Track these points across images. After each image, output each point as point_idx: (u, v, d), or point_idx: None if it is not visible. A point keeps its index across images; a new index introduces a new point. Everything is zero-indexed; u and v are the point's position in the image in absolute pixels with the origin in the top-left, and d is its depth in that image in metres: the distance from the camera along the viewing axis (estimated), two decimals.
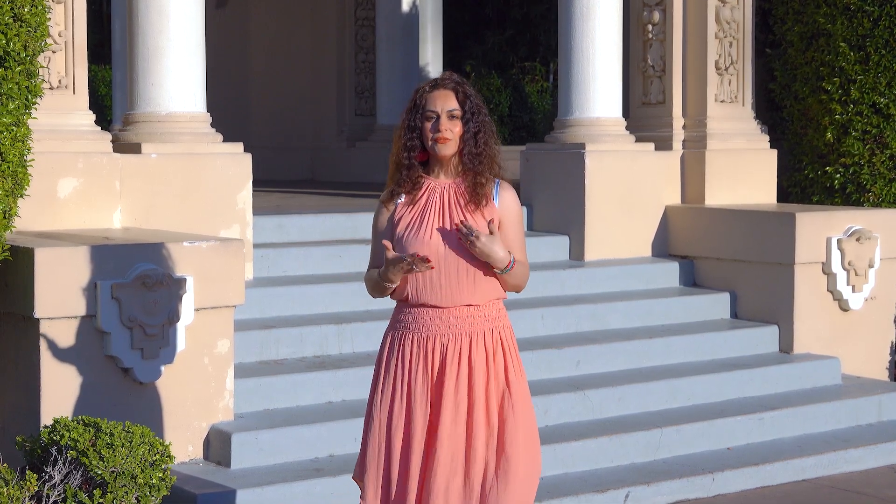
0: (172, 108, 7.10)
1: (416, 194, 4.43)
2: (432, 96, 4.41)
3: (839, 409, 7.66)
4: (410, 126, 4.42)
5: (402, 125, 4.45)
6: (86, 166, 6.65)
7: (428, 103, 4.40)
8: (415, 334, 4.40)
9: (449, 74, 4.50)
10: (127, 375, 5.96)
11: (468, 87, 4.45)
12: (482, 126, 4.43)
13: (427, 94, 4.42)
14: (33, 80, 5.59)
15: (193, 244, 6.13)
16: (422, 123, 4.40)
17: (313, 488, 5.88)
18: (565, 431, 6.81)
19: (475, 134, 4.41)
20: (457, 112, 4.39)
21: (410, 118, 4.42)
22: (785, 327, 8.29)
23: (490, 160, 4.43)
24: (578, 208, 8.64)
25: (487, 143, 4.43)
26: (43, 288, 5.70)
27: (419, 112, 4.41)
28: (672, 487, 6.53)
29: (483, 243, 4.31)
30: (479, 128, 4.42)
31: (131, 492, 4.89)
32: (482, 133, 4.42)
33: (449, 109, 4.38)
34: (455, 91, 4.42)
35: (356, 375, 6.63)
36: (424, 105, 4.40)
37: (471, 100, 4.42)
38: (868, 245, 8.41)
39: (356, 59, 13.71)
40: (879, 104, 9.02)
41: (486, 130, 4.43)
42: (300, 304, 7.32)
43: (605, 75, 8.73)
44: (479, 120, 4.42)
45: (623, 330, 8.00)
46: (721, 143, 9.07)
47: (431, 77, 13.75)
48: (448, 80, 4.45)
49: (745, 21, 9.15)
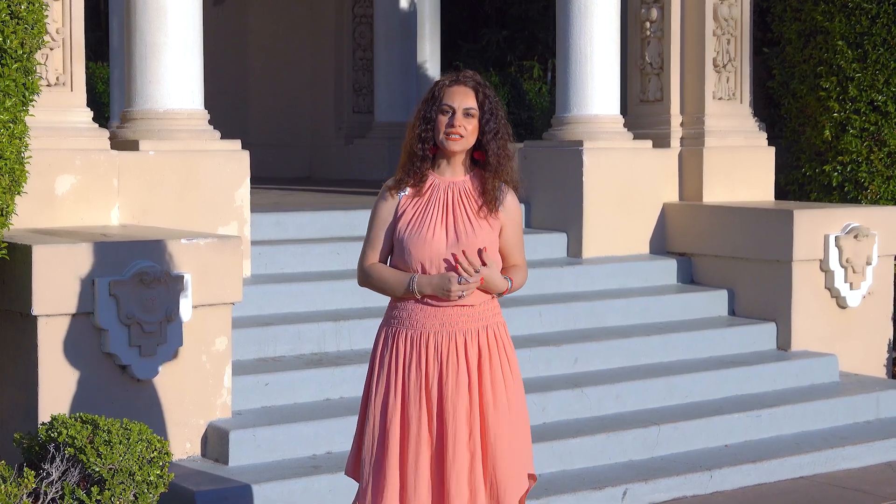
0: (170, 106, 7.10)
1: (421, 189, 4.43)
2: (451, 91, 4.39)
3: (837, 407, 7.66)
4: (426, 117, 4.40)
5: (417, 115, 4.43)
6: (83, 163, 6.64)
7: (445, 97, 4.38)
8: (408, 331, 4.39)
9: (472, 74, 4.47)
10: (125, 372, 5.96)
11: (489, 90, 4.42)
12: (501, 128, 4.41)
13: (446, 88, 4.40)
14: (31, 77, 5.58)
15: (191, 241, 6.13)
16: (436, 116, 4.39)
17: (311, 485, 5.88)
18: (563, 429, 6.81)
19: (495, 135, 4.40)
20: (473, 111, 4.37)
21: (426, 109, 4.40)
22: (783, 325, 8.30)
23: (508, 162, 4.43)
24: (576, 206, 8.64)
25: (506, 146, 4.42)
26: (40, 285, 5.70)
27: (435, 104, 4.39)
28: (670, 484, 6.54)
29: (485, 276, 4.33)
30: (498, 129, 4.40)
31: (129, 489, 4.89)
32: (501, 135, 4.41)
33: (466, 107, 4.37)
34: (475, 90, 4.40)
35: (354, 372, 6.63)
36: (442, 98, 4.39)
37: (490, 101, 4.40)
38: (866, 242, 8.41)
39: (354, 57, 13.71)
40: (877, 102, 9.02)
41: (503, 133, 4.42)
42: (298, 301, 7.32)
43: (603, 73, 8.73)
44: (498, 121, 4.41)
45: (621, 327, 8.00)
46: (719, 141, 9.06)
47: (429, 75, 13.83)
48: (469, 79, 4.43)
49: (743, 18, 9.15)
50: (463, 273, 4.30)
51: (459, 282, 4.30)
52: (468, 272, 4.30)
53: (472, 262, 4.30)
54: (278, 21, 14.00)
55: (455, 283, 4.30)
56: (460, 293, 4.32)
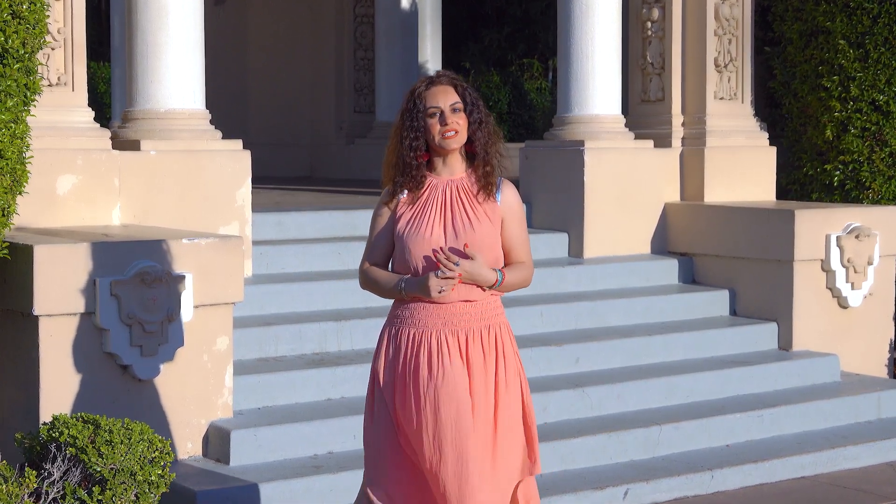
0: (171, 105, 7.10)
1: (419, 192, 4.44)
2: (431, 93, 4.42)
3: (838, 407, 7.66)
4: (413, 126, 4.41)
5: (401, 126, 4.44)
6: (85, 163, 6.64)
7: (428, 100, 4.41)
8: (411, 329, 4.40)
9: (443, 72, 4.54)
10: (126, 372, 5.96)
11: (465, 82, 4.48)
12: (484, 116, 4.46)
13: (425, 93, 4.43)
14: (32, 77, 5.58)
15: (192, 241, 6.13)
16: (424, 122, 4.40)
17: (312, 485, 5.88)
18: (565, 428, 6.81)
19: (480, 123, 4.43)
20: (459, 105, 4.41)
21: (411, 119, 4.42)
22: (784, 324, 8.29)
23: (495, 147, 4.45)
24: (577, 205, 8.64)
25: (490, 133, 4.45)
26: (42, 285, 5.69)
27: (419, 112, 4.41)
28: (671, 484, 6.54)
29: (466, 270, 4.32)
30: (482, 117, 4.45)
31: (130, 489, 4.89)
32: (485, 123, 4.45)
33: (451, 103, 4.40)
34: (454, 86, 4.45)
35: (355, 372, 6.64)
36: (425, 103, 4.41)
37: (469, 92, 4.46)
38: (867, 242, 8.41)
39: (355, 56, 13.71)
40: (879, 101, 9.02)
41: (487, 121, 4.46)
42: (299, 301, 7.32)
43: (604, 72, 8.73)
44: (480, 110, 4.46)
45: (622, 327, 8.00)
46: (720, 141, 9.06)
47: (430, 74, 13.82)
48: (444, 76, 4.48)
49: (745, 18, 9.15)
50: (442, 267, 4.30)
51: (437, 275, 4.29)
52: (447, 266, 4.29)
53: (449, 257, 4.30)
54: (279, 21, 14.00)
55: (433, 277, 4.29)
56: (440, 288, 4.31)
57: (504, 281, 4.41)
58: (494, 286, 4.40)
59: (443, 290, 4.31)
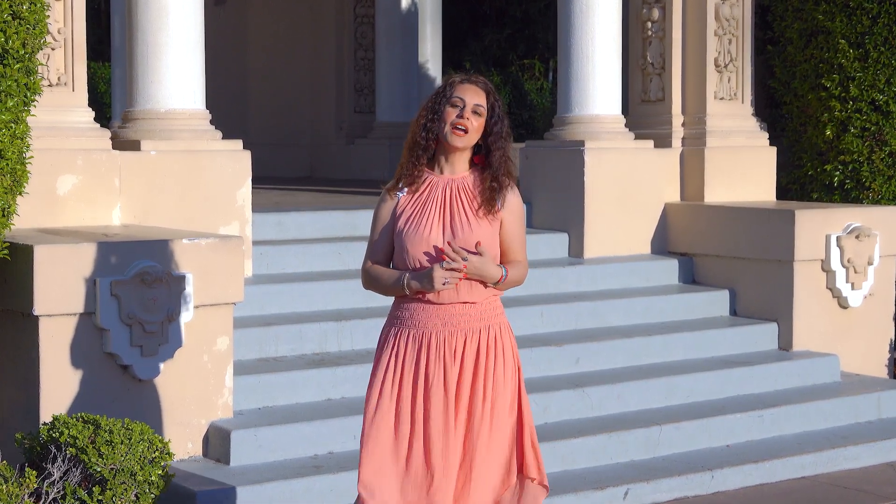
0: (172, 105, 7.10)
1: (419, 188, 4.45)
2: (463, 87, 4.45)
3: (838, 407, 7.66)
4: (433, 108, 4.44)
5: (425, 107, 4.47)
6: (85, 163, 6.64)
7: (457, 91, 4.44)
8: (411, 330, 4.41)
9: (483, 78, 4.55)
10: (126, 372, 5.96)
11: (498, 96, 4.51)
12: (505, 133, 4.47)
13: (458, 84, 4.46)
14: (32, 77, 5.59)
15: (193, 241, 6.13)
16: (444, 108, 4.42)
17: (313, 485, 5.88)
18: (565, 429, 6.81)
19: (499, 137, 4.45)
20: (482, 110, 4.43)
21: (435, 101, 4.45)
22: (784, 325, 8.29)
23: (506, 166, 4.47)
24: (578, 206, 8.64)
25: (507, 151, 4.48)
26: (42, 285, 5.70)
27: (445, 97, 4.43)
28: (671, 485, 6.54)
29: (473, 265, 4.33)
30: (503, 133, 4.46)
31: (130, 489, 4.89)
32: (505, 139, 4.46)
33: (476, 103, 4.42)
34: (486, 92, 4.47)
35: (356, 372, 6.64)
36: (452, 92, 4.43)
37: (498, 104, 4.47)
38: (867, 242, 8.40)
39: (355, 57, 13.71)
40: (878, 101, 9.02)
41: (507, 139, 4.48)
42: (299, 301, 7.32)
43: (604, 72, 8.73)
44: (504, 125, 4.47)
45: (622, 327, 8.00)
46: (720, 141, 9.06)
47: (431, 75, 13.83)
48: (481, 81, 4.51)
49: (745, 18, 9.15)
50: (448, 259, 4.30)
51: (443, 266, 4.30)
52: (453, 258, 4.30)
53: (458, 251, 4.30)
54: (279, 21, 13.99)
55: (439, 268, 4.30)
56: (444, 280, 4.31)
57: (507, 277, 4.42)
58: (499, 283, 4.41)
59: (447, 283, 4.31)
